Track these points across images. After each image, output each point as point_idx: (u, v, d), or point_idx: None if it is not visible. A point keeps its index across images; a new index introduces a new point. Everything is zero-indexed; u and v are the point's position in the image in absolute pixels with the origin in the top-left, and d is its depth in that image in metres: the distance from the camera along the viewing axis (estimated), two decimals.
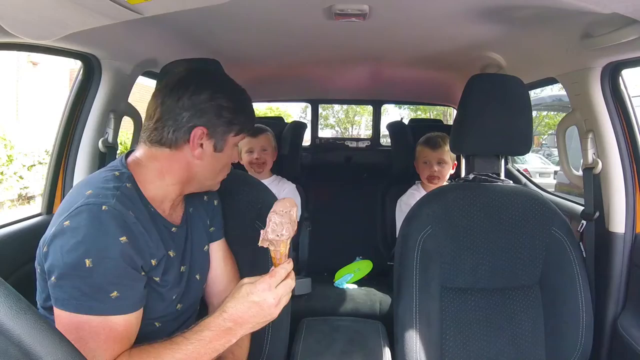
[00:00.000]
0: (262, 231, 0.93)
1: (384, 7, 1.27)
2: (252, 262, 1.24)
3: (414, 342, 1.23)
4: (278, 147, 2.27)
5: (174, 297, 0.97)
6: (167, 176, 0.97)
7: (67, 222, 0.84)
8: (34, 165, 7.17)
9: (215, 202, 1.16)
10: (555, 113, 10.04)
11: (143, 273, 0.89)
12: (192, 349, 0.86)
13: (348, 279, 2.25)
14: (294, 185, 2.24)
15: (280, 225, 0.91)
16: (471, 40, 1.59)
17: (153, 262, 0.90)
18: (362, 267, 2.32)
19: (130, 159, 0.98)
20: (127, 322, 0.86)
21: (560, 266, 1.30)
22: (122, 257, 0.84)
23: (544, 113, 11.56)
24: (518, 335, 1.29)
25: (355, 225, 2.53)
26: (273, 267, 0.93)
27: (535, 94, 7.32)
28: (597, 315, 1.33)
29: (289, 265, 0.94)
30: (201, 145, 0.96)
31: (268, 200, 1.30)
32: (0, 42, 1.03)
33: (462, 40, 1.59)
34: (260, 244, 0.93)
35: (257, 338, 1.19)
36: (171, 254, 0.96)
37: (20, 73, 10.09)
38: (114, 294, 0.84)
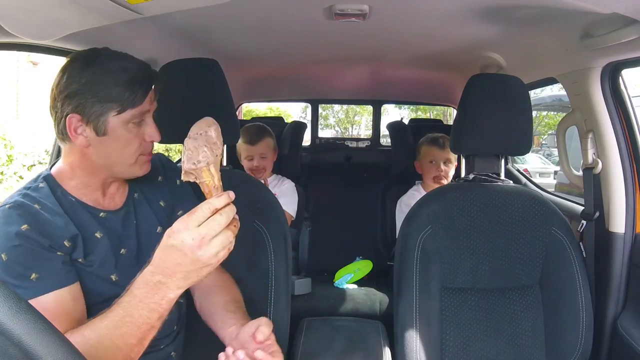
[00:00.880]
0: (180, 164, 0.81)
1: (384, 7, 1.27)
2: (251, 262, 1.24)
3: (414, 342, 1.23)
4: (278, 146, 2.27)
5: (112, 277, 0.96)
6: (76, 169, 0.97)
7: None
8: (34, 165, 7.16)
9: (178, 182, 1.11)
10: (555, 113, 10.04)
11: (59, 253, 0.90)
12: (124, 312, 0.79)
13: (348, 279, 2.25)
14: (293, 184, 2.24)
15: (195, 151, 0.77)
16: (471, 40, 1.59)
17: (66, 242, 0.91)
18: (362, 267, 2.32)
19: (57, 163, 1.01)
20: (59, 299, 0.87)
21: (560, 266, 1.30)
22: (27, 241, 0.86)
23: (544, 113, 11.56)
24: (518, 335, 1.29)
25: (355, 225, 2.53)
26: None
27: (535, 94, 7.31)
28: (597, 315, 1.33)
29: (217, 200, 0.76)
30: (83, 133, 0.91)
31: (266, 199, 1.30)
32: (0, 42, 1.03)
33: (462, 40, 1.59)
34: (182, 178, 0.79)
35: None
36: (97, 235, 0.96)
37: (20, 73, 10.09)
38: (34, 276, 0.86)
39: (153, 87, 0.95)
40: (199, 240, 0.75)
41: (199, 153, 0.76)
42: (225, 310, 1.04)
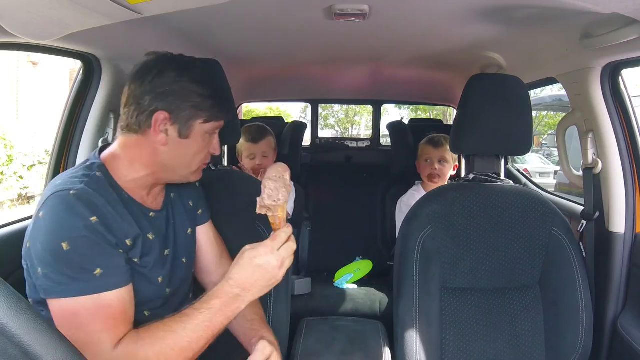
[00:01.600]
0: (258, 198, 0.93)
1: (384, 7, 1.27)
2: None
3: (414, 342, 1.23)
4: (278, 146, 2.27)
5: (159, 279, 0.98)
6: (137, 164, 0.96)
7: (41, 213, 0.86)
8: (34, 165, 7.17)
9: (197, 184, 1.15)
10: (555, 113, 10.04)
11: (120, 251, 0.90)
12: (203, 319, 0.87)
13: (348, 279, 2.26)
14: (292, 183, 2.24)
15: (276, 190, 0.92)
16: (471, 40, 1.59)
17: (128, 242, 0.91)
18: (362, 267, 2.32)
19: (106, 150, 0.99)
20: (121, 298, 0.87)
21: (560, 266, 1.30)
22: (95, 235, 0.85)
23: (544, 113, 11.56)
24: (518, 335, 1.29)
25: (355, 225, 2.53)
26: (273, 232, 0.94)
27: (535, 94, 7.31)
28: (597, 315, 1.33)
29: (288, 229, 0.95)
30: (165, 131, 0.93)
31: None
32: (0, 42, 1.03)
33: (462, 40, 1.59)
34: (258, 211, 0.93)
35: None
36: (150, 236, 0.96)
37: (20, 73, 10.09)
38: (98, 271, 0.85)
39: None
40: (280, 261, 0.92)
41: (279, 193, 0.92)
42: (243, 319, 1.07)
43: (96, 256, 0.85)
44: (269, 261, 0.91)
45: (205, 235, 1.15)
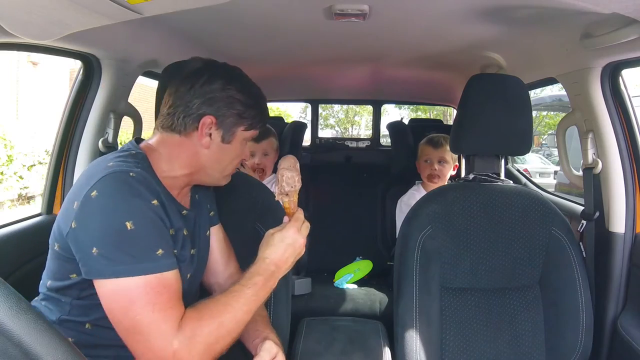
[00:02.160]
0: (276, 187, 1.04)
1: (384, 7, 1.27)
2: (252, 261, 1.23)
3: (414, 342, 1.23)
4: (280, 147, 2.27)
5: (188, 275, 1.01)
6: (176, 163, 0.99)
7: (94, 192, 0.85)
8: (34, 165, 7.17)
9: (212, 188, 1.19)
10: (555, 113, 10.04)
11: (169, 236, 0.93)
12: (251, 293, 0.94)
13: (348, 279, 2.26)
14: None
15: (292, 178, 1.03)
16: (471, 40, 1.59)
17: (171, 231, 0.94)
18: (362, 267, 2.32)
19: (142, 144, 1.01)
20: (177, 278, 0.90)
21: (560, 266, 1.30)
22: (159, 216, 0.88)
23: (544, 113, 11.56)
24: (518, 335, 1.29)
25: (355, 225, 2.53)
26: (286, 217, 1.05)
27: (535, 94, 7.31)
28: (597, 315, 1.33)
29: (302, 211, 1.06)
30: (210, 134, 0.98)
31: (268, 200, 1.30)
32: (0, 42, 1.03)
33: (462, 40, 1.59)
34: (277, 198, 1.04)
35: None
36: (184, 232, 1.00)
37: (20, 73, 10.09)
38: (160, 251, 0.86)
39: None
40: (303, 239, 1.03)
41: (295, 180, 1.04)
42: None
43: (159, 238, 0.88)
44: (296, 239, 1.01)
45: (215, 236, 1.17)
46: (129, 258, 0.83)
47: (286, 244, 1.00)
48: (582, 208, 1.47)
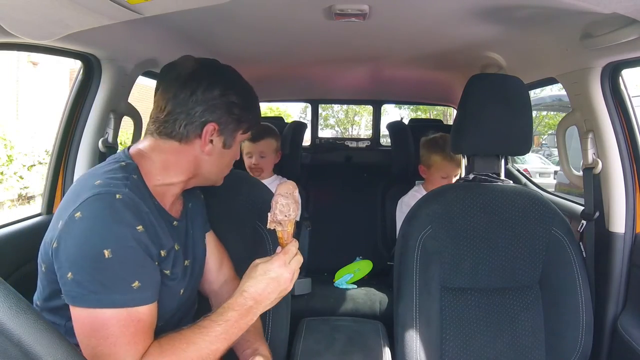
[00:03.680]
0: (269, 214, 0.96)
1: (384, 7, 1.27)
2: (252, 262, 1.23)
3: (414, 342, 1.23)
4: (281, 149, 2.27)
5: (181, 291, 0.98)
6: (172, 170, 0.96)
7: (78, 214, 0.81)
8: (34, 165, 7.17)
9: (202, 196, 1.18)
10: (555, 113, 10.04)
11: (156, 263, 0.89)
12: (220, 330, 0.88)
13: (348, 279, 2.26)
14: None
15: (287, 206, 0.95)
16: (471, 40, 1.59)
17: (162, 252, 0.90)
18: (362, 267, 2.32)
19: (133, 151, 0.96)
20: (152, 312, 0.86)
21: (560, 266, 1.30)
22: (140, 245, 0.83)
23: (544, 113, 11.56)
24: (518, 335, 1.29)
25: (355, 225, 2.53)
26: (280, 247, 0.97)
27: (535, 94, 7.32)
28: (597, 315, 1.33)
29: (296, 243, 0.98)
30: (211, 141, 0.97)
31: (268, 200, 1.30)
32: (0, 42, 1.03)
33: (462, 40, 1.59)
34: (268, 226, 0.96)
35: None
36: (176, 247, 0.96)
37: (20, 73, 10.08)
38: (136, 284, 0.82)
39: None
40: (292, 274, 0.95)
41: (290, 208, 0.95)
42: None
43: (138, 268, 0.83)
44: (282, 274, 0.93)
45: (209, 244, 1.15)
46: (101, 288, 0.80)
47: (269, 277, 0.93)
48: (582, 208, 1.47)
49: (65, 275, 0.81)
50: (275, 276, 0.93)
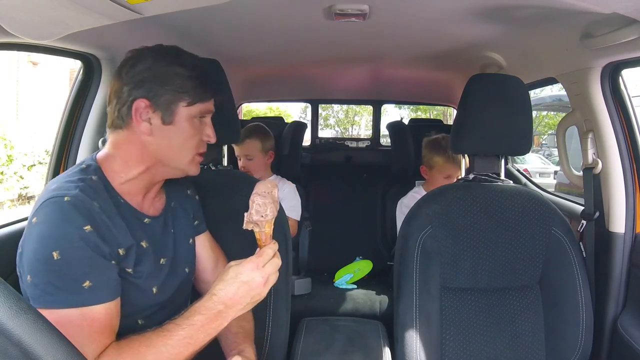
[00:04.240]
0: (245, 214, 0.91)
1: (384, 7, 1.27)
2: None
3: (414, 342, 1.23)
4: (277, 147, 2.25)
5: (154, 289, 0.95)
6: (130, 162, 0.94)
7: (34, 219, 0.84)
8: (34, 165, 7.17)
9: (197, 197, 1.15)
10: (555, 113, 10.04)
11: (113, 262, 0.87)
12: (184, 334, 0.85)
13: (348, 279, 2.26)
14: (294, 186, 2.23)
15: (264, 206, 0.90)
16: (471, 40, 1.59)
17: (120, 251, 0.88)
18: (362, 267, 2.32)
19: (101, 152, 0.96)
20: (108, 311, 0.85)
21: (560, 266, 1.30)
22: (89, 245, 0.83)
23: (544, 113, 11.56)
24: (518, 335, 1.29)
25: (355, 225, 2.53)
26: (259, 248, 0.92)
27: (535, 94, 7.31)
28: (597, 315, 1.33)
29: (274, 246, 0.92)
30: (149, 120, 0.91)
31: None
32: (0, 42, 1.03)
33: (462, 40, 1.59)
34: (244, 226, 0.91)
35: (258, 338, 1.19)
36: (143, 244, 0.94)
37: (20, 73, 10.09)
38: (87, 283, 0.82)
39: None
40: (265, 278, 0.89)
41: (267, 208, 0.91)
42: (227, 331, 1.05)
43: (87, 268, 0.83)
44: (254, 278, 0.88)
45: (201, 245, 1.13)
46: (54, 289, 0.81)
47: (240, 281, 0.88)
48: (582, 208, 1.47)
49: (26, 278, 0.83)
50: (247, 280, 0.88)
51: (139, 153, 0.93)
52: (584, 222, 1.43)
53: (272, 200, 0.92)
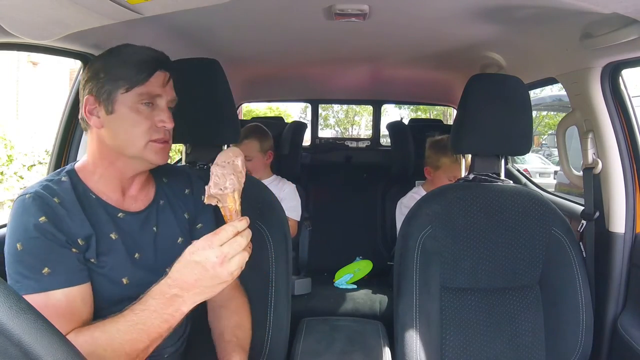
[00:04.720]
0: (205, 187, 0.85)
1: (384, 7, 1.27)
2: (252, 262, 1.23)
3: (414, 342, 1.23)
4: (277, 147, 2.25)
5: (124, 280, 0.95)
6: (97, 160, 0.98)
7: (8, 217, 0.92)
8: (34, 165, 7.16)
9: (203, 198, 1.14)
10: (555, 113, 10.04)
11: (74, 250, 0.90)
12: (136, 320, 0.83)
13: (348, 279, 2.26)
14: (294, 186, 2.23)
15: (223, 177, 0.82)
16: (471, 40, 1.59)
17: (80, 241, 0.91)
18: (362, 267, 2.32)
19: (83, 157, 1.03)
20: (69, 296, 0.88)
21: (560, 266, 1.30)
22: (44, 234, 0.88)
23: (544, 113, 11.56)
24: (518, 335, 1.29)
25: (355, 225, 2.53)
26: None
27: (535, 94, 7.32)
28: (597, 315, 1.33)
29: (239, 223, 0.83)
30: (97, 114, 0.96)
31: (268, 199, 1.30)
32: (0, 42, 1.03)
33: (462, 40, 1.59)
34: (206, 201, 0.85)
35: (257, 338, 1.19)
36: (112, 236, 0.96)
37: (20, 73, 10.09)
38: (46, 270, 0.87)
39: (168, 75, 0.99)
40: (221, 258, 0.81)
41: (226, 180, 0.82)
42: (221, 338, 1.07)
43: (44, 255, 0.88)
44: (207, 257, 0.80)
45: None
46: (20, 277, 0.87)
47: (192, 261, 0.81)
48: (582, 208, 1.47)
49: (4, 270, 0.90)
50: (199, 260, 0.80)
51: (100, 149, 0.98)
52: (584, 222, 1.43)
53: (233, 171, 0.83)
